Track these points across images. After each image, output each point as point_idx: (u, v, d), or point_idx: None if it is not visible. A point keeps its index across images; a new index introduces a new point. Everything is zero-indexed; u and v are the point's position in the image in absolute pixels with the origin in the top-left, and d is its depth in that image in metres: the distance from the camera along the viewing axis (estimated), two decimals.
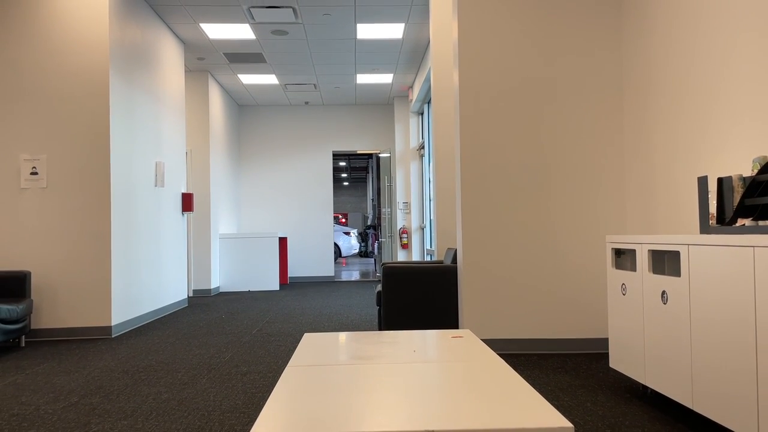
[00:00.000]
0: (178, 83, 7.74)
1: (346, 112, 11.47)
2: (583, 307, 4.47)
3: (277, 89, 10.21)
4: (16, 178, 5.51)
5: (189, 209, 7.80)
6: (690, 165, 3.65)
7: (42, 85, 5.55)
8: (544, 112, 4.53)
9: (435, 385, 1.75)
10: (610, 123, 4.53)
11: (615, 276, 3.35)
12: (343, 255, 20.47)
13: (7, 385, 3.76)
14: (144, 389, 3.61)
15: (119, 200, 5.76)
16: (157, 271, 6.73)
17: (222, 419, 2.99)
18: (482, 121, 4.53)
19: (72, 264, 5.51)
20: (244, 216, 11.26)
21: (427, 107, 9.80)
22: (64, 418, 3.05)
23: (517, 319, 4.48)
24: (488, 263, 4.50)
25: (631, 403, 3.15)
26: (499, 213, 4.51)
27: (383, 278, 4.82)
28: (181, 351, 4.76)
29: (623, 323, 3.26)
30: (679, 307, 2.70)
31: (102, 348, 4.96)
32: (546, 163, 4.52)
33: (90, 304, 5.51)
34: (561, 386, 3.49)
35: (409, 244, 10.65)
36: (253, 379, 3.81)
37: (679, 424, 2.78)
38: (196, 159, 9.16)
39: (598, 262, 4.49)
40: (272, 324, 6.10)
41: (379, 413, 1.50)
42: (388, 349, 2.25)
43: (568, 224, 4.50)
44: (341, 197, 30.37)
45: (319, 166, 11.37)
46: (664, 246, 2.82)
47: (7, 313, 4.69)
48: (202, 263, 9.16)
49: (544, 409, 1.51)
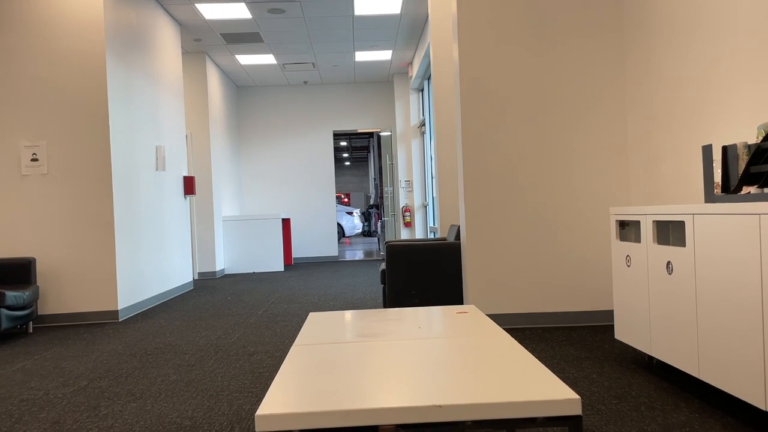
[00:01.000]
0: (176, 66, 7.68)
1: (346, 90, 11.39)
2: (588, 279, 4.47)
3: (275, 69, 10.13)
4: (17, 164, 5.50)
5: (191, 192, 7.78)
6: (693, 134, 3.61)
7: (38, 71, 5.50)
8: (546, 85, 4.48)
9: (441, 360, 1.75)
10: (612, 94, 4.48)
11: (619, 248, 3.34)
12: (347, 235, 20.49)
13: (16, 371, 3.79)
14: (152, 371, 3.63)
15: (121, 185, 5.75)
16: (161, 255, 6.74)
17: (230, 399, 3.01)
18: (483, 96, 4.49)
19: (76, 249, 5.52)
20: (246, 198, 11.25)
21: (427, 83, 9.72)
22: (74, 402, 3.08)
23: (521, 294, 4.48)
24: (491, 238, 4.49)
25: (637, 373, 3.15)
26: (502, 188, 4.49)
27: (387, 256, 4.81)
28: (187, 333, 4.79)
29: (628, 295, 3.26)
30: (684, 277, 2.69)
31: (109, 332, 4.99)
32: (548, 137, 4.48)
33: (96, 289, 5.53)
34: (567, 359, 3.50)
35: (412, 223, 10.64)
36: (260, 359, 3.83)
37: (686, 393, 2.79)
38: (196, 142, 9.13)
39: (601, 235, 4.48)
40: (278, 304, 6.13)
41: (386, 390, 1.50)
42: (394, 326, 2.25)
43: (571, 197, 4.48)
44: (343, 177, 30.32)
45: (320, 146, 11.33)
46: (669, 216, 2.81)
47: (14, 300, 4.71)
48: (207, 246, 9.17)
49: (550, 382, 1.51)
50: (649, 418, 2.50)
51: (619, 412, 2.58)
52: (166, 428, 2.63)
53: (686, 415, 2.52)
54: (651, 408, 2.62)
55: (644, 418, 2.50)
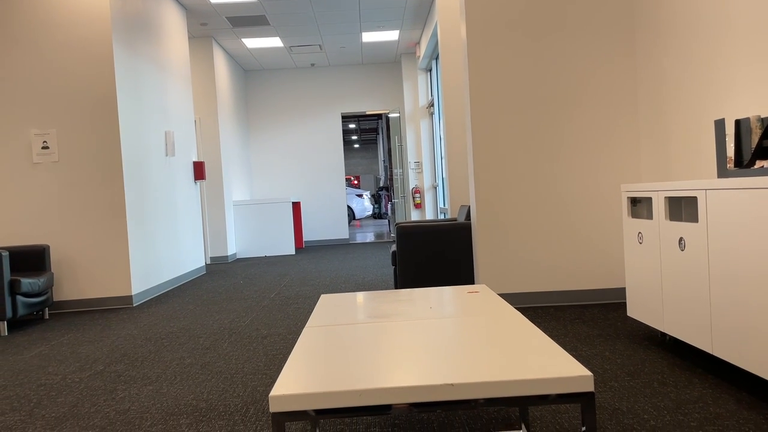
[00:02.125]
0: (183, 50, 7.66)
1: (353, 72, 11.33)
2: (599, 257, 4.45)
3: (282, 52, 10.08)
4: (28, 153, 5.53)
5: (201, 177, 7.81)
6: (705, 108, 3.56)
7: (46, 59, 5.51)
8: (555, 63, 4.43)
9: (453, 339, 1.76)
10: (622, 68, 4.42)
11: (631, 225, 3.32)
12: (357, 217, 20.52)
13: (34, 356, 3.85)
14: (167, 355, 3.67)
15: (131, 171, 5.77)
16: (174, 240, 6.79)
17: (245, 381, 3.04)
18: (492, 74, 4.45)
19: (89, 236, 5.56)
20: (256, 182, 11.27)
21: (435, 63, 9.64)
22: (91, 386, 3.12)
23: (532, 272, 4.48)
24: (502, 218, 4.47)
25: (650, 350, 3.15)
26: (512, 166, 4.46)
27: (397, 238, 4.82)
28: (201, 317, 4.83)
29: (640, 272, 3.24)
30: (697, 253, 2.67)
31: (124, 317, 5.05)
32: (558, 113, 4.44)
33: (110, 275, 5.58)
34: (579, 337, 3.50)
35: (422, 204, 10.63)
36: (273, 341, 3.87)
37: (698, 369, 2.79)
38: (205, 127, 9.14)
39: (613, 212, 4.45)
40: (289, 287, 6.16)
41: (398, 369, 1.51)
42: (405, 307, 2.25)
43: (582, 175, 4.45)
44: (352, 160, 30.28)
45: (329, 128, 11.30)
46: (681, 192, 2.78)
47: (29, 287, 4.77)
48: (218, 230, 9.22)
49: (562, 359, 1.51)
50: (662, 395, 2.50)
51: (632, 389, 2.58)
52: (182, 410, 2.66)
53: (699, 390, 2.52)
54: (664, 384, 2.62)
55: (657, 395, 2.50)
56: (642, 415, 2.30)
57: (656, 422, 2.22)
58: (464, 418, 2.37)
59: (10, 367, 3.61)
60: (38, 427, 2.57)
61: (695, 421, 2.21)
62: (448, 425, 2.31)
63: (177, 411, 2.66)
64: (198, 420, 2.53)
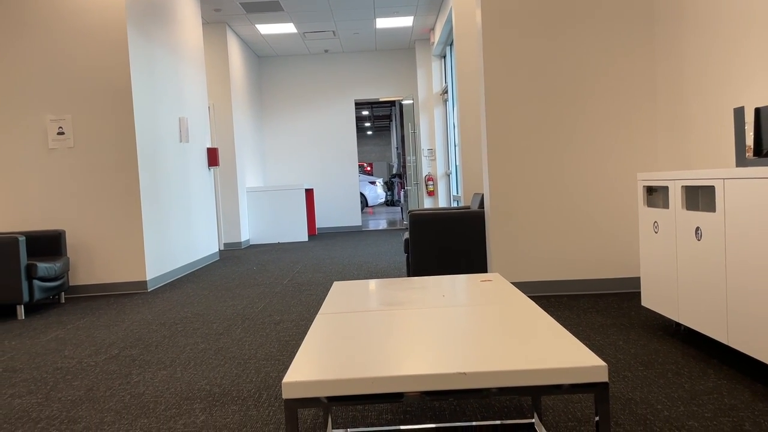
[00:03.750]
0: (196, 36, 7.66)
1: (367, 58, 11.27)
2: (614, 246, 4.42)
3: (295, 38, 10.05)
4: (44, 138, 5.57)
5: (215, 164, 7.83)
6: (725, 96, 3.51)
7: (61, 45, 5.53)
8: (572, 48, 4.38)
9: (466, 328, 1.75)
10: (640, 56, 4.36)
11: (647, 214, 3.28)
12: (370, 204, 20.52)
13: (50, 340, 3.90)
14: (181, 340, 3.70)
15: (146, 157, 5.80)
16: (187, 226, 6.83)
17: (258, 366, 3.06)
18: (507, 61, 4.40)
19: (104, 221, 5.61)
20: (269, 169, 11.29)
21: (450, 49, 9.56)
22: (107, 370, 3.16)
23: (546, 261, 4.45)
24: (516, 206, 4.45)
25: (664, 340, 3.13)
26: (527, 154, 4.43)
27: (410, 225, 4.81)
28: (215, 303, 4.87)
29: (655, 261, 3.21)
30: (713, 243, 2.64)
31: (138, 302, 5.09)
32: (574, 101, 4.39)
33: (124, 260, 5.63)
34: (592, 326, 3.48)
35: (435, 191, 10.60)
36: (286, 327, 3.89)
37: (713, 360, 2.76)
38: (218, 113, 9.15)
39: (628, 201, 4.41)
40: (302, 274, 6.18)
41: (411, 357, 1.51)
42: (418, 295, 2.25)
43: (597, 162, 4.41)
44: (365, 147, 30.23)
45: (342, 115, 11.27)
46: (699, 181, 2.74)
47: (45, 271, 4.82)
48: (232, 217, 9.26)
49: (576, 349, 1.50)
50: (676, 385, 2.48)
51: (646, 379, 2.57)
52: (195, 395, 2.69)
53: (714, 381, 2.50)
54: (678, 375, 2.60)
55: (671, 385, 2.48)
56: (655, 405, 2.29)
57: (670, 413, 2.21)
58: (476, 406, 2.37)
59: (27, 350, 3.66)
60: (54, 409, 2.61)
61: (710, 412, 2.19)
62: (460, 412, 2.31)
63: (191, 396, 2.69)
64: (211, 405, 2.56)
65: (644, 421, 2.15)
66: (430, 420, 2.26)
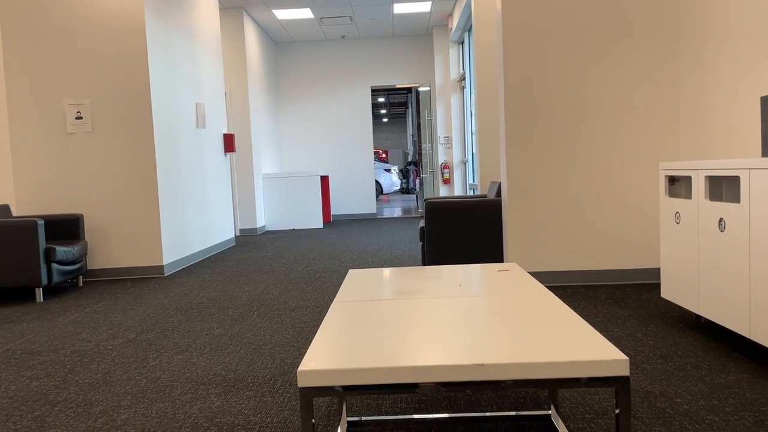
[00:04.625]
0: (213, 22, 7.64)
1: (384, 45, 11.19)
2: (633, 236, 4.36)
3: (312, 24, 9.99)
4: (62, 123, 5.60)
5: (231, 150, 7.84)
6: (750, 84, 3.42)
7: (79, 30, 5.54)
8: (593, 35, 4.29)
9: (482, 318, 1.73)
10: (663, 44, 4.26)
11: (668, 204, 3.23)
12: (385, 192, 20.48)
13: (68, 323, 3.94)
14: (197, 325, 3.72)
15: (163, 142, 5.82)
16: (204, 211, 6.85)
17: (273, 353, 3.06)
18: (527, 47, 4.33)
19: (122, 206, 5.64)
20: (285, 155, 11.29)
21: (468, 36, 9.45)
22: (123, 354, 3.18)
23: (563, 251, 4.40)
24: (534, 194, 4.39)
25: (684, 333, 3.08)
26: (545, 142, 4.37)
27: (426, 214, 4.78)
28: (230, 288, 4.88)
29: (676, 253, 3.16)
30: (737, 234, 2.58)
31: (155, 286, 5.13)
32: (594, 88, 4.32)
33: (142, 245, 5.67)
34: (610, 317, 3.44)
35: (450, 179, 10.54)
36: (301, 314, 3.89)
37: (734, 353, 2.71)
38: (235, 99, 9.15)
39: (649, 190, 4.34)
40: (317, 261, 6.18)
41: (428, 348, 1.48)
42: (434, 284, 2.23)
43: (617, 152, 4.34)
44: (381, 134, 30.14)
45: (358, 102, 11.22)
46: (723, 171, 2.68)
47: (63, 255, 4.87)
48: (247, 203, 9.29)
49: (596, 341, 1.47)
50: (696, 378, 2.44)
51: (665, 372, 2.53)
52: (211, 380, 2.69)
53: (735, 375, 2.45)
54: (698, 368, 2.56)
55: (691, 378, 2.44)
56: (675, 398, 2.25)
57: (689, 406, 2.17)
58: (491, 396, 2.35)
59: (45, 333, 3.70)
60: (72, 392, 2.63)
61: (730, 407, 2.15)
62: (476, 403, 2.29)
63: (206, 380, 2.69)
64: (226, 390, 2.56)
65: (663, 415, 2.11)
66: (445, 410, 2.25)
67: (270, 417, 2.27)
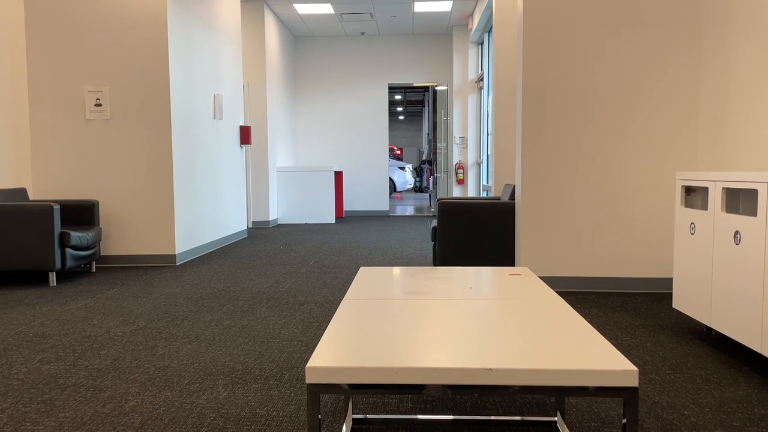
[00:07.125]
0: (234, 14, 7.67)
1: (403, 42, 11.18)
2: (646, 245, 4.32)
3: (332, 19, 10.00)
4: (82, 109, 5.65)
5: (247, 142, 7.87)
6: None
7: (101, 18, 5.58)
8: (613, 41, 4.26)
9: (492, 322, 1.72)
10: (685, 51, 4.22)
11: (684, 214, 3.20)
12: (398, 190, 20.47)
13: (80, 308, 3.98)
14: (207, 315, 3.74)
15: (180, 132, 5.85)
16: (217, 202, 6.89)
17: (281, 346, 3.07)
18: (547, 50, 4.31)
19: (137, 194, 5.69)
20: (300, 149, 11.32)
21: (488, 36, 9.42)
22: (133, 341, 3.21)
23: (575, 257, 4.38)
24: (548, 199, 4.38)
25: (694, 344, 3.06)
26: (562, 147, 4.34)
27: (439, 213, 4.77)
28: (241, 280, 4.91)
29: (690, 263, 3.13)
30: (753, 248, 2.56)
31: (167, 275, 5.17)
32: (613, 94, 4.29)
33: (155, 233, 5.71)
34: (620, 325, 3.42)
35: (464, 180, 10.51)
36: (311, 309, 3.90)
37: (745, 368, 2.69)
38: (252, 92, 9.18)
39: (663, 200, 4.30)
40: (328, 256, 6.20)
41: (436, 349, 1.49)
42: (444, 285, 2.22)
43: (634, 160, 4.30)
44: (396, 131, 30.11)
45: (375, 98, 11.22)
46: (740, 184, 2.65)
47: (78, 240, 4.92)
48: (261, 195, 9.32)
49: (605, 350, 1.46)
50: (704, 391, 2.42)
51: (674, 383, 2.51)
52: (219, 371, 2.71)
53: (744, 390, 2.43)
54: (707, 381, 2.54)
55: (700, 391, 2.43)
56: (683, 411, 2.24)
57: (697, 419, 2.16)
58: (497, 400, 2.35)
59: (57, 317, 3.74)
60: (81, 377, 2.66)
61: (738, 421, 2.14)
62: (482, 406, 2.29)
63: (214, 371, 2.71)
64: (234, 382, 2.58)
65: (670, 427, 2.10)
66: (451, 411, 2.25)
67: (276, 411, 2.28)
